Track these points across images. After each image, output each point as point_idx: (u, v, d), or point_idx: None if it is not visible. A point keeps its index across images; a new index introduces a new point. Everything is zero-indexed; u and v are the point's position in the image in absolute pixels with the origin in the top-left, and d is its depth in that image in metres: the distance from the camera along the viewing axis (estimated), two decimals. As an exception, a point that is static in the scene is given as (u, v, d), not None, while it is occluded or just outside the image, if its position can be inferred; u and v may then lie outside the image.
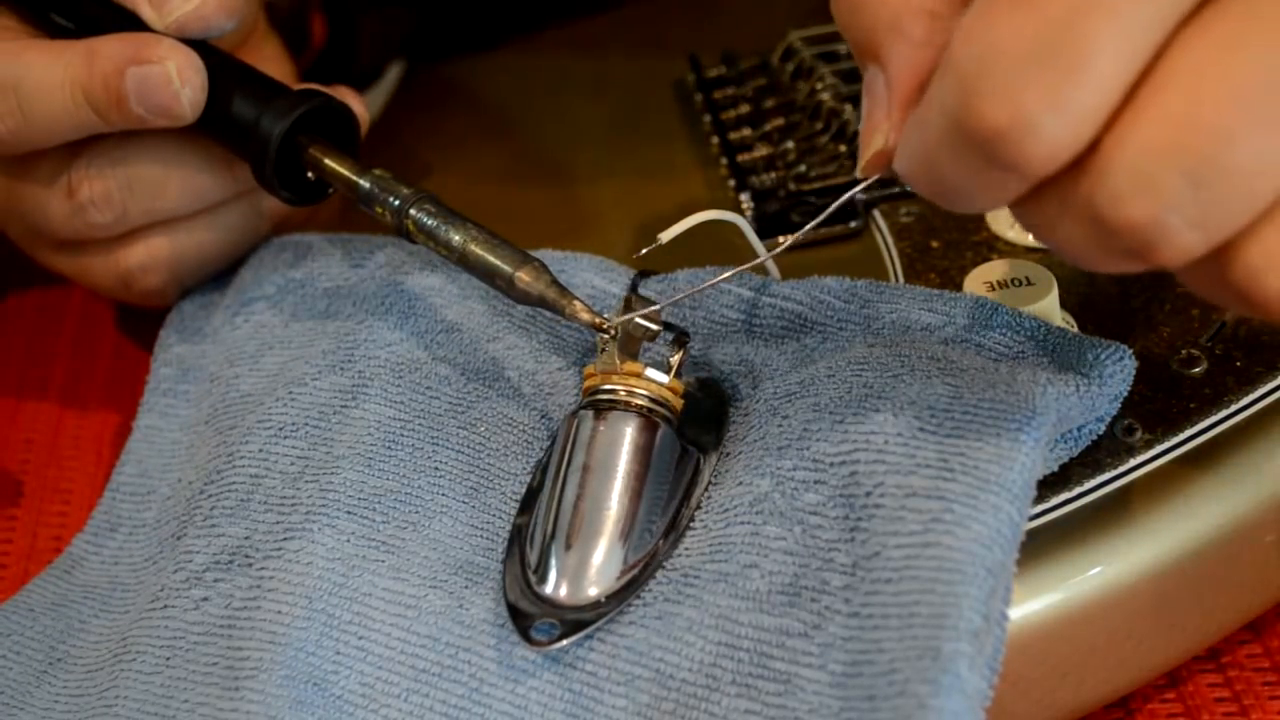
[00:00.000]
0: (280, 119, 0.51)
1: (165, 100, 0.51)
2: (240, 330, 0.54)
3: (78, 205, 0.54)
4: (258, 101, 0.52)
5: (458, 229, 0.49)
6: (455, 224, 0.49)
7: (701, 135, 0.60)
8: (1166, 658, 0.47)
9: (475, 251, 0.48)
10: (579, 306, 0.47)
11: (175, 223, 0.55)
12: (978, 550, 0.41)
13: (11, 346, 0.64)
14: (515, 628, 0.44)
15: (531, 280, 0.47)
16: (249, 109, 0.52)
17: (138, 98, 0.51)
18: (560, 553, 0.45)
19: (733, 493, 0.45)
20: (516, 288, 0.47)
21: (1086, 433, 0.45)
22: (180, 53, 0.51)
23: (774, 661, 0.42)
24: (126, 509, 0.53)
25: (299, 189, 0.53)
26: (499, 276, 0.48)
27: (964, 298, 0.47)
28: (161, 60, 0.51)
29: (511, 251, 0.48)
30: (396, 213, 0.50)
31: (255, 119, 0.52)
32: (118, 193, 0.53)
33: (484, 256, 0.48)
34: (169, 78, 0.51)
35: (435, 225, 0.49)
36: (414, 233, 0.50)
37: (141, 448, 0.54)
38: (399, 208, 0.50)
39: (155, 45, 0.51)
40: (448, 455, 0.49)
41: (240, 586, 0.46)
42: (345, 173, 0.51)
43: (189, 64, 0.51)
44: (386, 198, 0.50)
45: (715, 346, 0.50)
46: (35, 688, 0.48)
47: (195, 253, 0.56)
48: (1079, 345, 0.46)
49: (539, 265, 0.48)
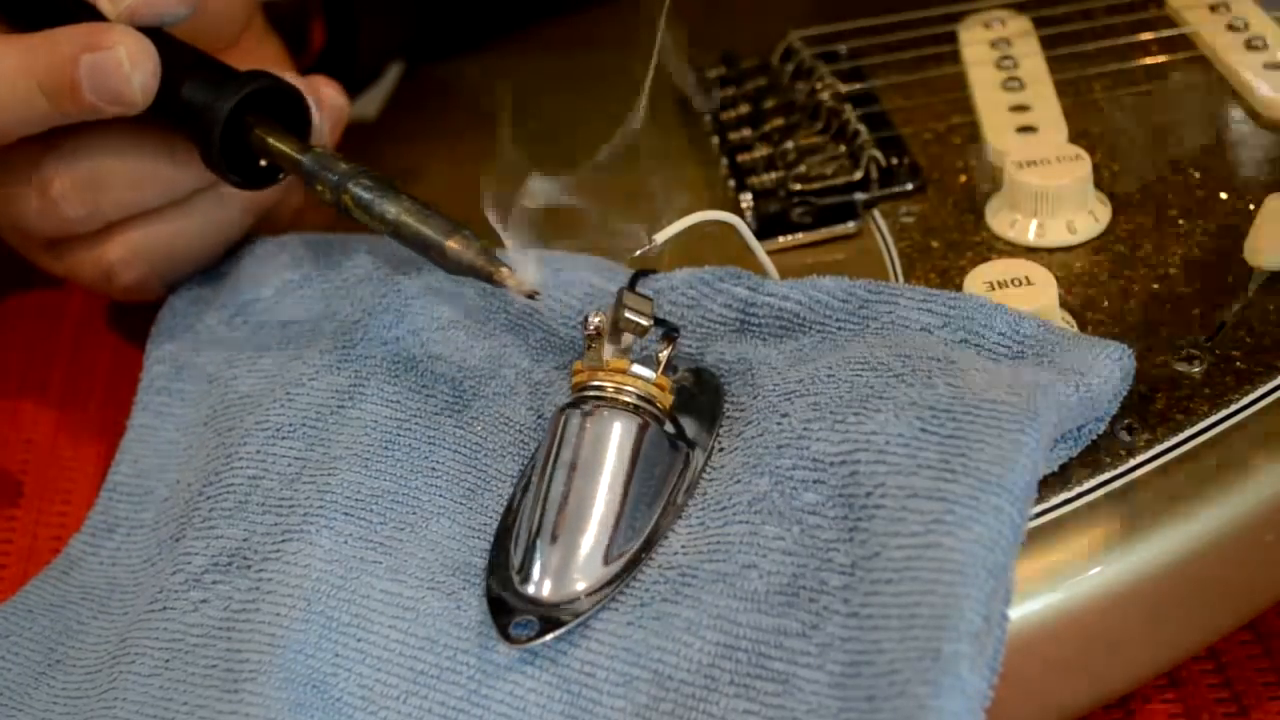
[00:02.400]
0: (227, 98, 0.51)
1: (117, 85, 0.51)
2: (238, 332, 0.54)
3: (51, 202, 0.54)
4: (207, 84, 0.51)
5: (391, 201, 0.48)
6: (389, 197, 0.48)
7: (701, 135, 0.60)
8: (1166, 658, 0.47)
9: (408, 223, 0.48)
10: (505, 273, 0.46)
11: (152, 215, 0.55)
12: (979, 551, 0.41)
13: (11, 346, 0.64)
14: (494, 624, 0.44)
15: (461, 249, 0.47)
16: (198, 92, 0.51)
17: (90, 85, 0.51)
18: (544, 550, 0.45)
19: (731, 491, 0.45)
20: (448, 257, 0.47)
21: (1086, 433, 0.45)
22: (131, 38, 0.51)
23: (772, 662, 0.42)
24: (123, 510, 0.53)
25: (250, 174, 0.53)
26: (431, 247, 0.47)
27: (964, 298, 0.47)
28: (113, 46, 0.51)
29: (442, 222, 0.48)
30: (334, 188, 0.49)
31: (203, 101, 0.51)
32: (90, 187, 0.53)
33: (415, 227, 0.48)
34: (119, 62, 0.50)
35: (370, 199, 0.49)
36: (351, 208, 0.49)
37: (137, 447, 0.54)
38: (336, 183, 0.49)
39: (108, 32, 0.51)
40: (445, 455, 0.49)
41: (239, 589, 0.46)
42: (287, 150, 0.51)
43: (140, 49, 0.51)
44: (325, 174, 0.50)
45: (711, 344, 0.50)
46: (34, 689, 0.48)
47: (175, 245, 0.56)
48: (1079, 345, 0.46)
49: (469, 234, 0.47)
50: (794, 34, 0.62)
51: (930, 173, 0.56)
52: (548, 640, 0.43)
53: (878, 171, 0.56)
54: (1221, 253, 0.51)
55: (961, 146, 0.57)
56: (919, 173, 0.56)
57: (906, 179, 0.56)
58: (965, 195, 0.55)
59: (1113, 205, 0.53)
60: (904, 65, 0.61)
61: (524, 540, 0.45)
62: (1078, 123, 0.56)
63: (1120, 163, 0.55)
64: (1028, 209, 0.52)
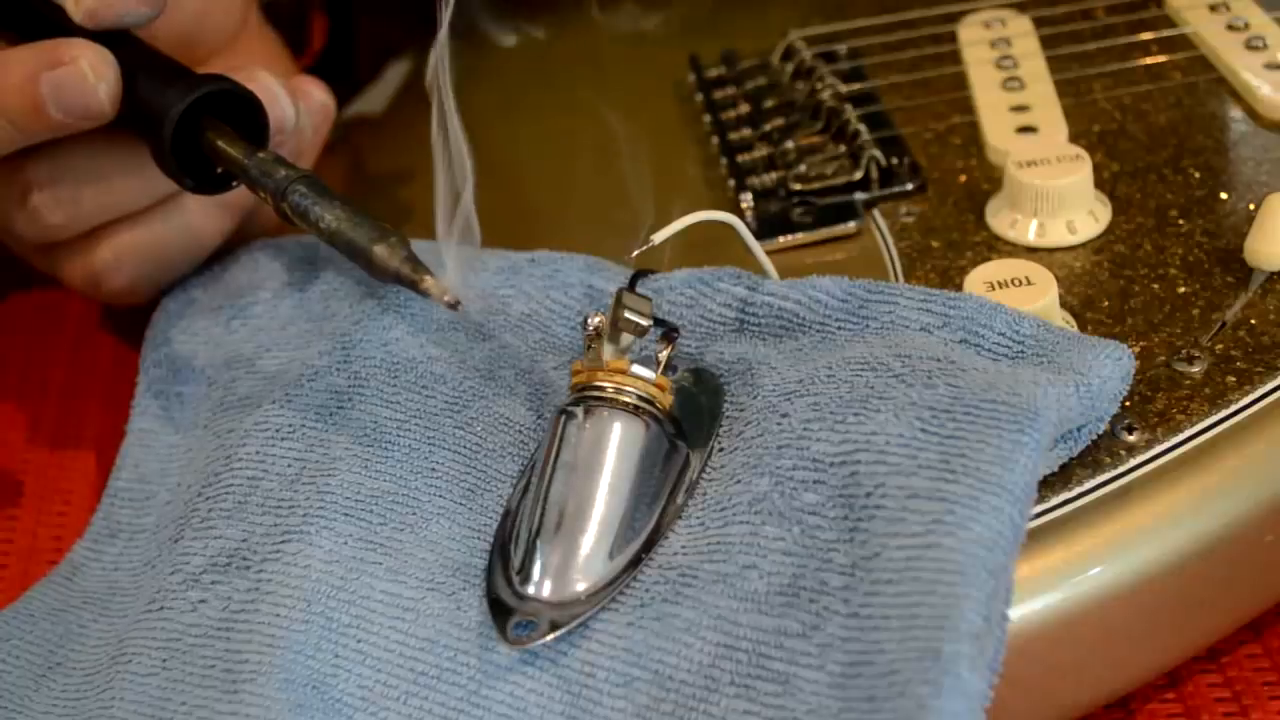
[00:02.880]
0: (177, 101, 0.50)
1: (83, 99, 0.50)
2: (237, 334, 0.54)
3: (32, 210, 0.53)
4: (160, 86, 0.51)
5: (325, 208, 0.48)
6: (325, 204, 0.48)
7: (701, 135, 0.60)
8: (1166, 658, 0.47)
9: (339, 230, 0.47)
10: (430, 282, 0.46)
11: (136, 219, 0.55)
12: (979, 552, 0.41)
13: (11, 347, 0.64)
14: (495, 625, 0.44)
15: (387, 256, 0.46)
16: (152, 94, 0.51)
17: (55, 101, 0.50)
18: (543, 550, 0.45)
19: (731, 491, 0.45)
20: (375, 264, 0.46)
21: (1086, 432, 0.45)
22: (89, 49, 0.50)
23: (772, 662, 0.42)
24: (125, 515, 0.53)
25: (208, 178, 0.52)
26: (359, 253, 0.47)
27: (964, 298, 0.47)
28: (74, 60, 0.50)
29: (371, 229, 0.47)
30: (275, 194, 0.49)
31: (155, 103, 0.51)
32: (67, 194, 0.53)
33: (345, 234, 0.47)
34: (84, 74, 0.50)
35: (305, 205, 0.48)
36: (290, 215, 0.48)
37: (137, 452, 0.54)
38: (275, 189, 0.49)
39: (65, 47, 0.50)
40: (444, 456, 0.49)
41: (238, 589, 0.46)
42: (233, 154, 0.50)
43: (100, 59, 0.50)
44: (266, 180, 0.49)
45: (711, 345, 0.50)
46: (34, 692, 0.48)
47: (158, 248, 0.55)
48: (1078, 345, 0.46)
49: (397, 240, 0.46)
50: (794, 34, 0.62)
51: (930, 173, 0.56)
52: (548, 641, 0.43)
53: (878, 171, 0.56)
54: (1221, 253, 0.51)
55: (961, 146, 0.57)
56: (919, 173, 0.56)
57: (906, 179, 0.56)
58: (965, 195, 0.55)
59: (1113, 205, 0.53)
60: (904, 65, 0.61)
61: (524, 541, 0.45)
62: (1078, 123, 0.57)
63: (1120, 163, 0.55)
64: (1028, 209, 0.52)
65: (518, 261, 0.53)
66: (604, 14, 0.67)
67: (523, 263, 0.53)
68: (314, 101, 0.56)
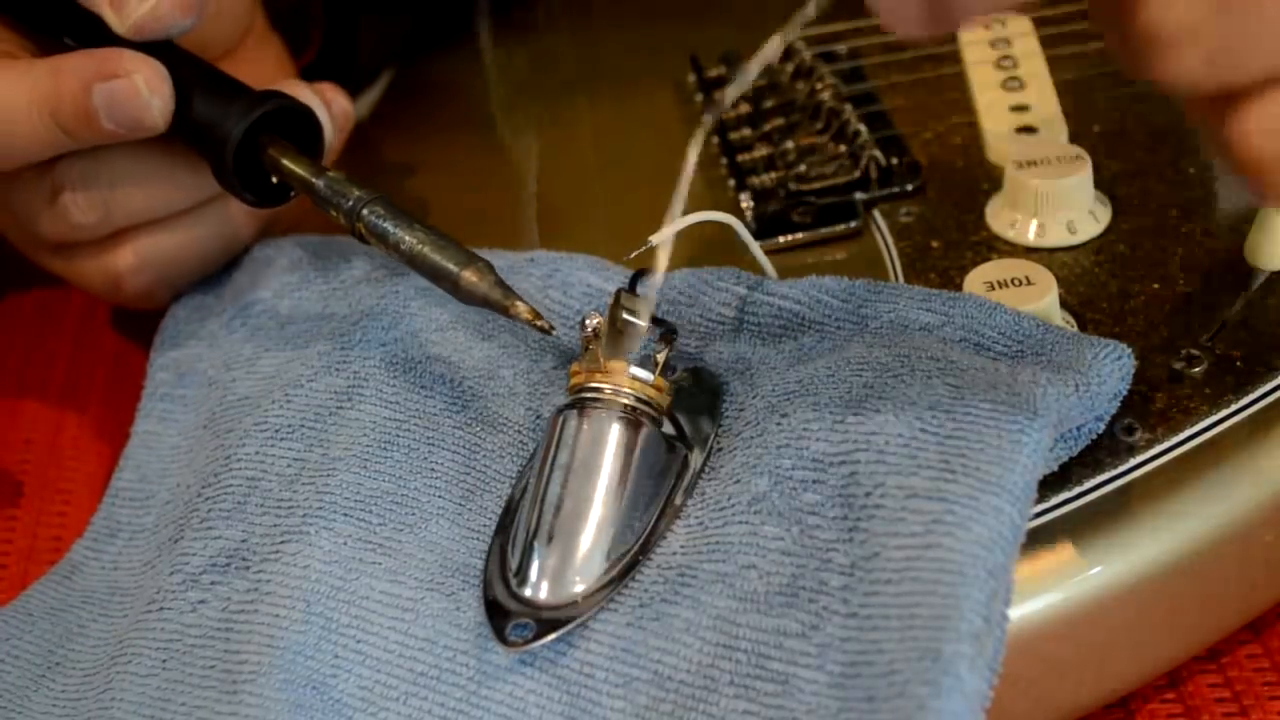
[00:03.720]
0: (239, 119, 0.51)
1: (136, 113, 0.51)
2: (237, 334, 0.54)
3: (61, 208, 0.54)
4: (219, 103, 0.52)
5: (406, 230, 0.49)
6: (404, 226, 0.49)
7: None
8: (1166, 658, 0.47)
9: (423, 253, 0.48)
10: (521, 307, 0.47)
11: (161, 223, 0.55)
12: (979, 552, 0.41)
13: (11, 346, 0.64)
14: (492, 627, 0.44)
15: (476, 280, 0.47)
16: (211, 110, 0.51)
17: (108, 113, 0.50)
18: (541, 552, 0.45)
19: (730, 490, 0.45)
20: (461, 288, 0.47)
21: (1086, 432, 0.45)
22: (146, 64, 0.51)
23: (772, 662, 0.42)
24: (125, 515, 0.53)
25: (263, 191, 0.53)
26: (445, 278, 0.48)
27: (963, 298, 0.47)
28: (129, 74, 0.50)
29: (458, 252, 0.48)
30: (349, 215, 0.50)
31: (216, 120, 0.51)
32: (99, 195, 0.53)
33: (431, 257, 0.48)
34: (138, 90, 0.50)
35: (385, 228, 0.49)
36: (365, 235, 0.49)
37: (140, 453, 0.54)
38: (350, 209, 0.49)
39: (119, 59, 0.51)
40: (443, 456, 0.49)
41: (237, 589, 0.46)
42: (301, 173, 0.51)
43: (155, 74, 0.51)
44: (339, 200, 0.50)
45: (711, 344, 0.50)
46: (33, 692, 0.48)
47: (183, 253, 0.56)
48: (1078, 345, 0.46)
49: (484, 266, 0.48)
50: (794, 34, 0.62)
51: (930, 173, 0.56)
52: (545, 643, 0.43)
53: (878, 171, 0.56)
54: (1221, 253, 0.51)
55: (961, 146, 0.57)
56: (919, 173, 0.56)
57: (906, 179, 0.55)
58: (965, 195, 0.55)
59: (1113, 205, 0.53)
60: (904, 65, 0.61)
61: (521, 542, 0.45)
62: (1078, 123, 0.56)
63: (1120, 163, 0.55)
64: (1028, 209, 0.52)
65: (516, 262, 0.53)
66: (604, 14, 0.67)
67: (522, 262, 0.53)
68: (337, 108, 0.56)
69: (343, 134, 0.57)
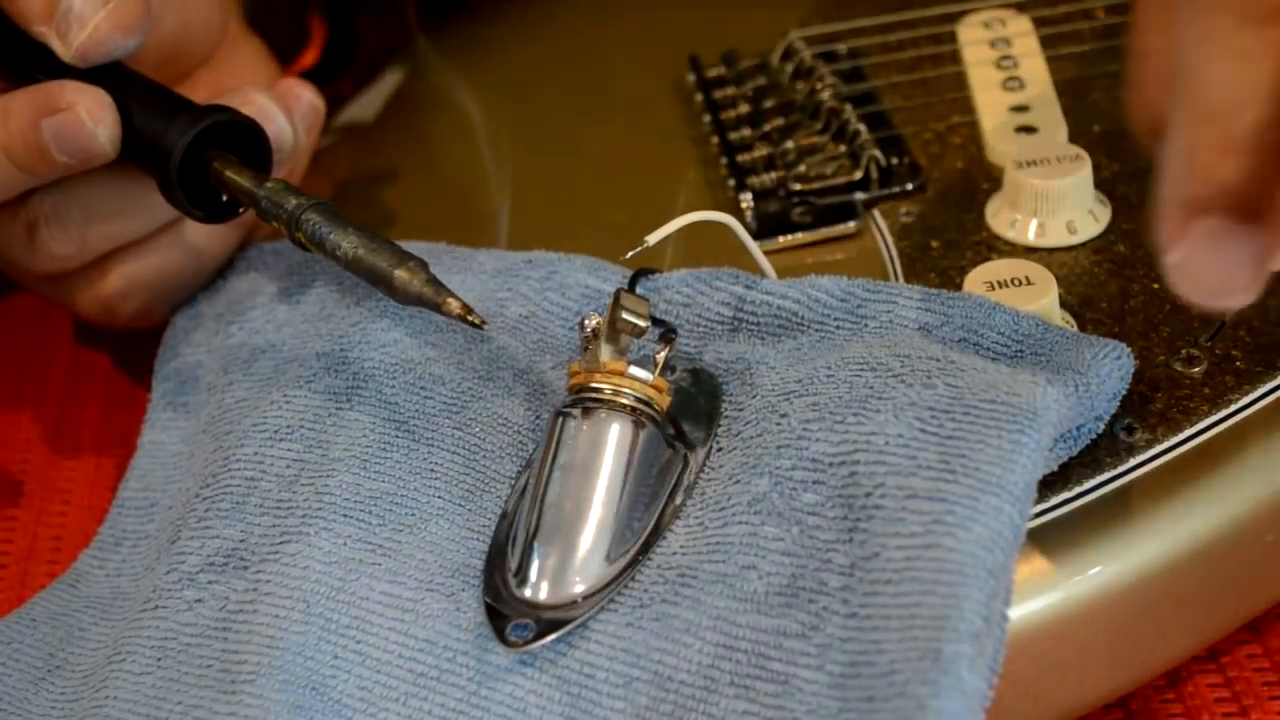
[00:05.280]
0: (180, 135, 0.51)
1: (84, 143, 0.50)
2: (234, 338, 0.54)
3: (40, 243, 0.54)
4: (162, 120, 0.51)
5: (343, 235, 0.48)
6: (340, 231, 0.48)
7: (701, 135, 0.60)
8: (1166, 658, 0.47)
9: (359, 256, 0.48)
10: (453, 304, 0.46)
11: (143, 245, 0.55)
12: (979, 552, 0.41)
13: (11, 347, 0.64)
14: (491, 628, 0.44)
15: (409, 279, 0.47)
16: (154, 129, 0.51)
17: (57, 146, 0.50)
18: (540, 553, 0.45)
19: (730, 491, 0.45)
20: (396, 288, 0.47)
21: (1085, 432, 0.45)
22: (86, 94, 0.51)
23: (772, 662, 0.42)
24: (130, 523, 0.53)
25: (214, 208, 0.52)
26: (381, 279, 0.47)
27: (963, 298, 0.47)
28: (71, 106, 0.50)
29: (392, 253, 0.48)
30: (288, 224, 0.49)
31: (159, 138, 0.51)
32: (74, 226, 0.53)
33: (366, 260, 0.48)
34: (81, 121, 0.50)
35: (322, 234, 0.49)
36: (306, 243, 0.49)
37: (145, 462, 0.54)
38: (289, 218, 0.49)
39: (60, 91, 0.51)
40: (443, 457, 0.49)
41: (235, 589, 0.46)
42: (243, 184, 0.51)
43: (97, 102, 0.51)
44: (278, 210, 0.50)
45: (710, 344, 0.50)
46: (33, 695, 0.48)
47: (170, 272, 0.56)
48: (1078, 344, 0.46)
49: (417, 265, 0.47)
50: (794, 34, 0.62)
51: (930, 173, 0.56)
52: (545, 643, 0.43)
53: (878, 171, 0.56)
54: (1221, 252, 0.51)
55: (961, 146, 0.57)
56: (919, 173, 0.56)
57: (906, 179, 0.55)
58: (965, 195, 0.55)
59: (1113, 205, 0.53)
60: (904, 65, 0.61)
61: (521, 543, 0.45)
62: (1078, 123, 0.56)
63: (1120, 163, 0.55)
64: (1028, 209, 0.52)
65: (514, 263, 0.53)
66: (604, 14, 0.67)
67: (520, 264, 0.53)
68: (303, 104, 0.56)
69: (313, 131, 0.57)
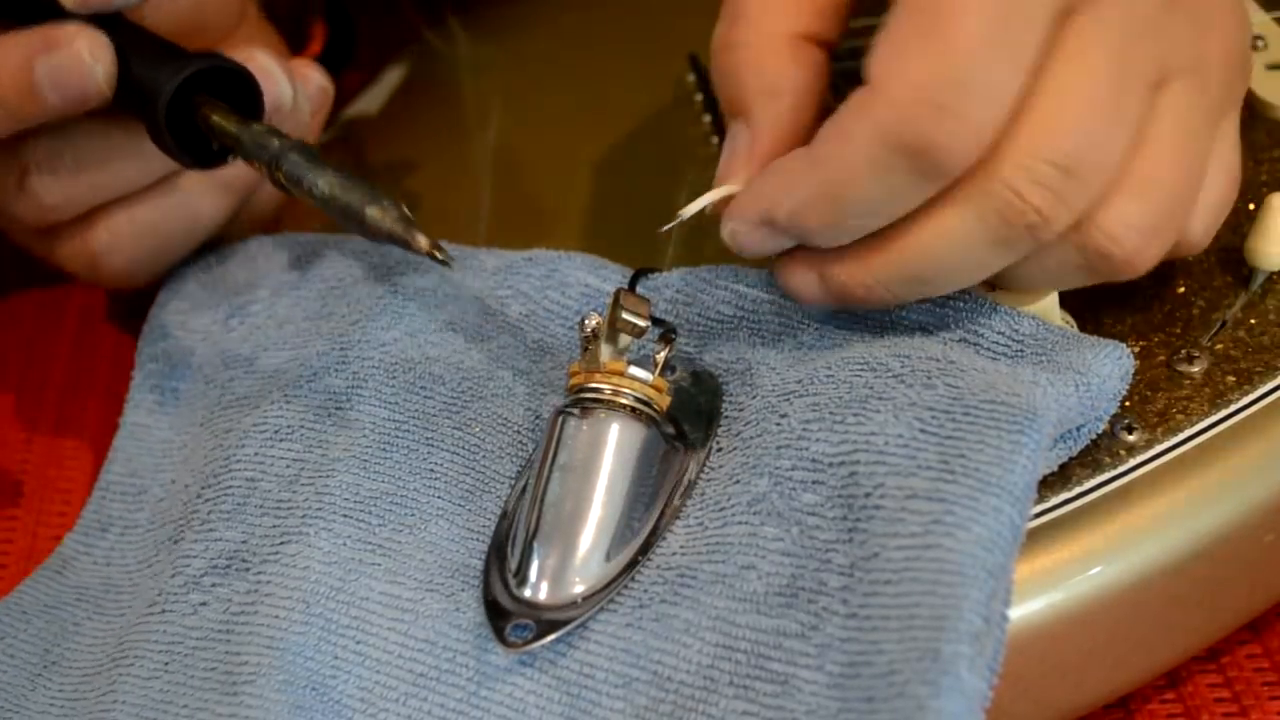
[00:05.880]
0: (171, 78, 0.50)
1: (80, 81, 0.50)
2: (235, 333, 0.54)
3: (30, 191, 0.54)
4: (154, 65, 0.51)
5: (318, 174, 0.48)
6: (318, 170, 0.48)
7: (701, 135, 0.60)
8: (1166, 658, 0.47)
9: (333, 194, 0.47)
10: (422, 240, 0.46)
11: (132, 199, 0.55)
12: (978, 553, 0.41)
13: (11, 346, 0.64)
14: (491, 628, 0.44)
15: (380, 216, 0.46)
16: (146, 73, 0.51)
17: (51, 84, 0.50)
18: (540, 553, 0.45)
19: (730, 491, 0.45)
20: (368, 225, 0.47)
21: (1085, 432, 0.45)
22: (86, 32, 0.50)
23: (771, 663, 0.42)
24: (117, 509, 0.52)
25: (205, 155, 0.52)
26: (353, 216, 0.47)
27: (964, 298, 0.47)
28: (70, 42, 0.50)
29: (366, 191, 0.47)
30: (270, 164, 0.49)
31: (150, 81, 0.51)
32: (65, 174, 0.53)
33: (339, 198, 0.47)
34: (81, 57, 0.50)
35: (300, 174, 0.48)
36: (286, 184, 0.49)
37: (130, 445, 0.54)
38: (271, 159, 0.49)
39: (59, 30, 0.51)
40: (443, 457, 0.49)
41: (238, 591, 0.46)
42: (225, 127, 0.50)
43: (96, 42, 0.50)
44: (260, 150, 0.49)
45: (710, 343, 0.50)
46: (30, 691, 0.48)
47: (158, 228, 0.55)
48: (1077, 344, 0.46)
49: (390, 203, 0.47)
50: (794, 33, 0.62)
51: (930, 172, 0.56)
52: (544, 644, 0.43)
53: (878, 171, 0.55)
54: (1221, 253, 0.51)
55: (961, 146, 0.57)
56: (919, 172, 0.56)
57: (906, 178, 0.55)
58: (965, 195, 0.55)
59: (1113, 205, 0.53)
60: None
61: (520, 543, 0.45)
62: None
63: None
64: (1027, 208, 0.52)
65: (515, 261, 0.53)
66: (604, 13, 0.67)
67: (520, 262, 0.52)
68: (312, 84, 0.56)
69: (320, 113, 0.57)
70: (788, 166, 0.45)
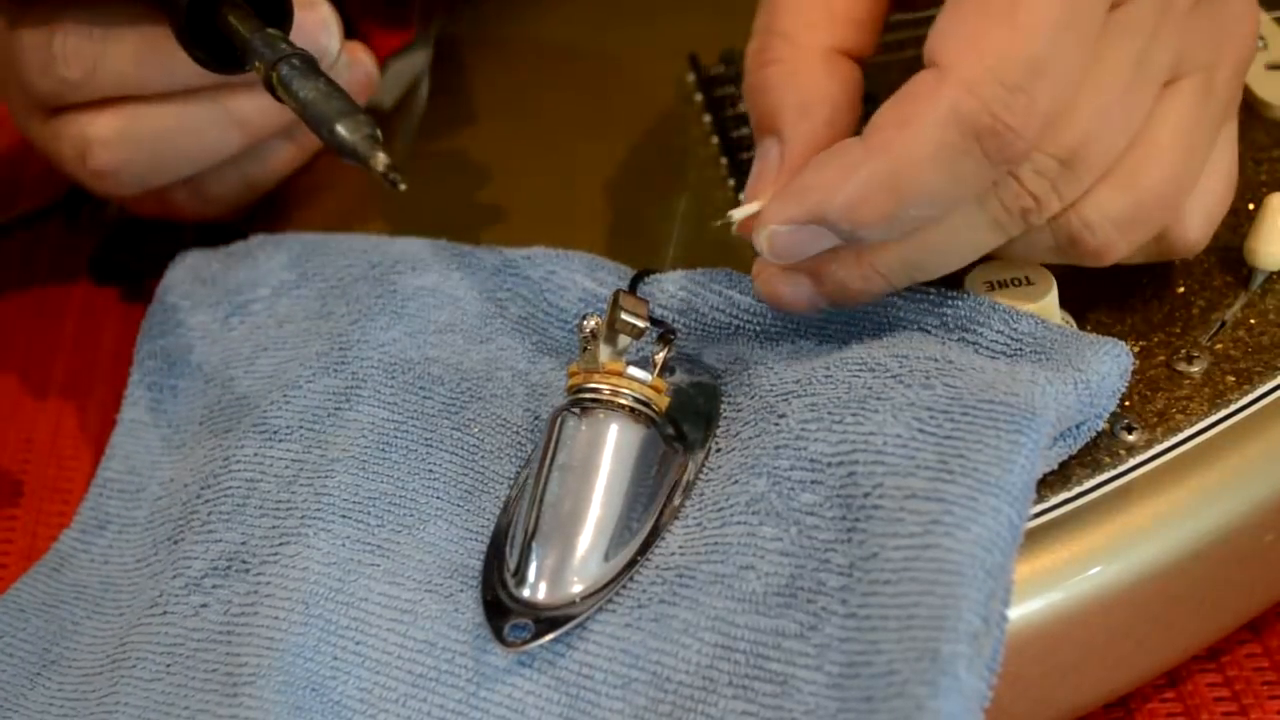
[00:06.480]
0: None
1: None
2: (235, 332, 0.54)
3: (52, 58, 0.54)
4: None
5: (308, 81, 0.47)
6: (310, 79, 0.47)
7: (702, 135, 0.60)
8: (1166, 658, 0.47)
9: (312, 101, 0.47)
10: (380, 158, 0.45)
11: (142, 101, 0.55)
12: (977, 553, 0.41)
13: (11, 346, 0.64)
14: (490, 628, 0.44)
15: (347, 131, 0.45)
16: None
17: None
18: (539, 553, 0.45)
19: (728, 491, 0.45)
20: (336, 136, 0.46)
21: (1085, 430, 0.45)
22: None
23: (770, 663, 0.42)
24: (115, 506, 0.52)
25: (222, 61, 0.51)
26: (323, 125, 0.46)
27: (963, 297, 0.47)
28: None
29: (343, 104, 0.46)
30: (268, 66, 0.48)
31: None
32: (90, 50, 0.54)
33: (316, 106, 0.46)
34: None
35: (292, 79, 0.47)
36: (276, 87, 0.48)
37: (128, 443, 0.54)
38: (270, 61, 0.48)
39: None
40: (442, 457, 0.49)
41: (238, 593, 0.46)
42: (241, 28, 0.50)
43: None
44: (265, 51, 0.48)
45: (708, 344, 0.50)
46: (29, 690, 0.48)
47: (159, 138, 0.56)
48: (1076, 343, 0.46)
49: (364, 120, 0.46)
50: (794, 33, 0.62)
51: (930, 172, 0.56)
52: (543, 643, 0.43)
53: (877, 170, 0.55)
54: (1221, 253, 0.51)
55: (961, 145, 0.57)
56: (919, 172, 0.56)
57: (906, 178, 0.55)
58: (965, 194, 0.55)
59: (1112, 204, 0.53)
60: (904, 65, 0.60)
61: (519, 543, 0.45)
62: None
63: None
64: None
65: (514, 259, 0.53)
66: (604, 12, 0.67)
67: (519, 260, 0.52)
68: (360, 65, 0.57)
69: (365, 90, 0.58)
70: (839, 159, 0.43)
